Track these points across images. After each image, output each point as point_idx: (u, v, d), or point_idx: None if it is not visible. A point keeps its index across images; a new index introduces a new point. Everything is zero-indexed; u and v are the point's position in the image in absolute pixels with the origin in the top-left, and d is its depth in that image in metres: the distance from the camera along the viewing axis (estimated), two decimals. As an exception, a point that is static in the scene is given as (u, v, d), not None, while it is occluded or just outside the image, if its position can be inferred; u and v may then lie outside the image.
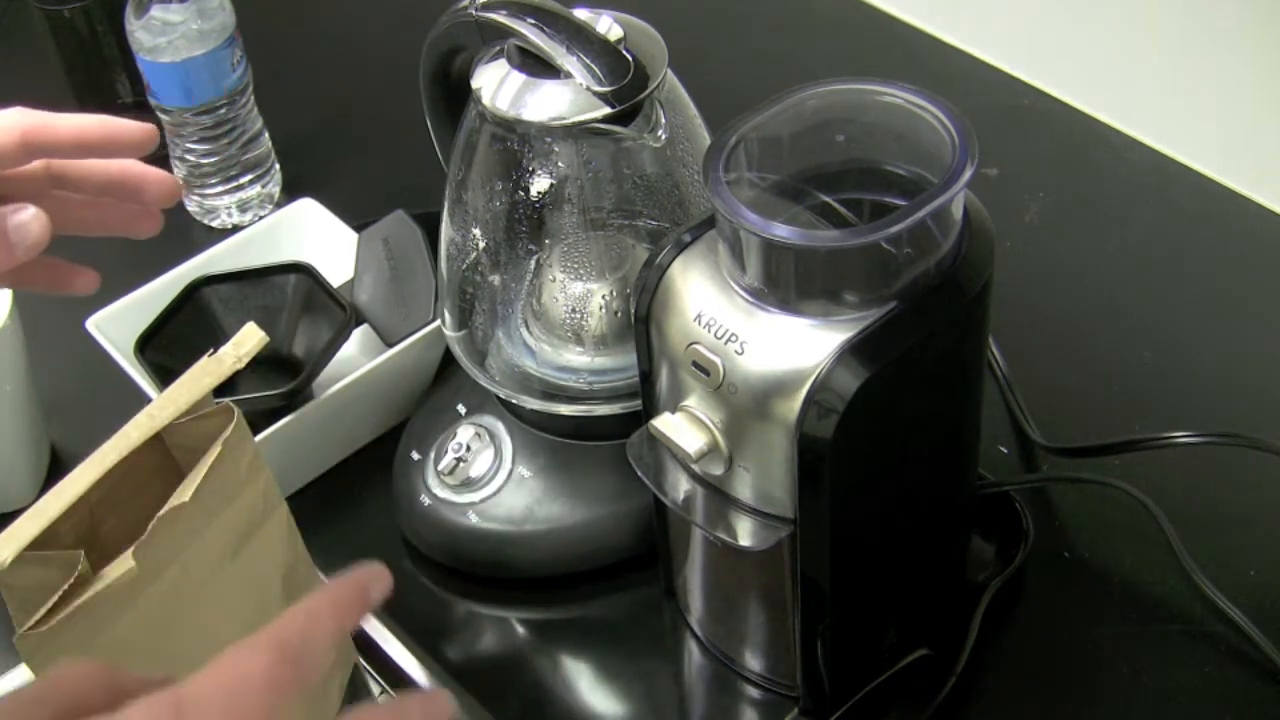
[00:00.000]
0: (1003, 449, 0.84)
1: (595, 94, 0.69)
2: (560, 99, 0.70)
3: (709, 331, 0.61)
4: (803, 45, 1.15)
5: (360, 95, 1.15)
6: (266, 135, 1.04)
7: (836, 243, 0.58)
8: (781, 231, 0.57)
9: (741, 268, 0.60)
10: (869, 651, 0.72)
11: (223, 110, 0.99)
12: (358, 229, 0.92)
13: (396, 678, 0.78)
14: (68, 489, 0.56)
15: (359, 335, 0.89)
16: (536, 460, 0.79)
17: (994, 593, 0.75)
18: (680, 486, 0.67)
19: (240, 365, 0.61)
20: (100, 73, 1.08)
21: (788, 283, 0.59)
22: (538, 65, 0.71)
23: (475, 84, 0.73)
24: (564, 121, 0.70)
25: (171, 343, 0.86)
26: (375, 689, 0.77)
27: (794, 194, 0.63)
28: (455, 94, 0.79)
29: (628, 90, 0.70)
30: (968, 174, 0.58)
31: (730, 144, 0.61)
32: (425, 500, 0.80)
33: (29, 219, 0.61)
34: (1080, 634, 0.75)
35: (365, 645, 0.78)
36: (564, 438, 0.79)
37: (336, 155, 1.09)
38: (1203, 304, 0.93)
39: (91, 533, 0.58)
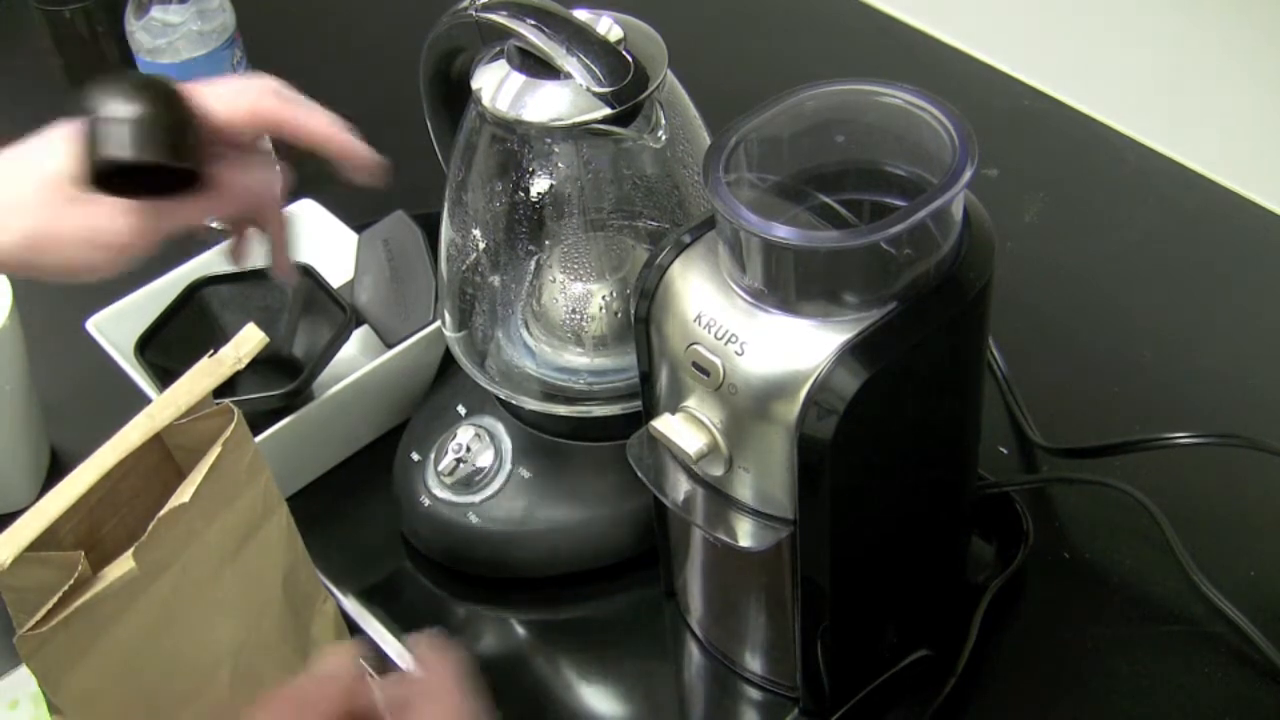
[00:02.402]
0: (1003, 449, 0.84)
1: (595, 95, 0.69)
2: (560, 100, 0.70)
3: (709, 332, 0.61)
4: (803, 46, 1.15)
5: (360, 95, 1.15)
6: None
7: (836, 243, 0.58)
8: (781, 232, 0.57)
9: (742, 268, 0.60)
10: (869, 652, 0.72)
11: (223, 111, 0.99)
12: (358, 230, 0.92)
13: (396, 678, 0.78)
14: (68, 490, 0.56)
15: (359, 336, 0.89)
16: (536, 461, 0.79)
17: (994, 593, 0.75)
18: (680, 487, 0.67)
19: (240, 366, 0.61)
20: (100, 73, 1.07)
21: (788, 283, 0.59)
22: (538, 66, 0.70)
23: (475, 85, 0.73)
24: (564, 122, 0.70)
25: (171, 343, 0.86)
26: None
27: (794, 195, 0.63)
28: (455, 95, 0.79)
29: (628, 91, 0.70)
30: (967, 174, 0.58)
31: (730, 145, 0.61)
32: (425, 501, 0.80)
33: (258, 176, 0.67)
34: (1080, 634, 0.75)
35: (365, 646, 0.78)
36: (564, 438, 0.79)
37: (336, 156, 1.09)
38: (1203, 304, 0.93)
39: (91, 534, 0.58)
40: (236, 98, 0.66)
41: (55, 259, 0.64)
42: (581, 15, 0.72)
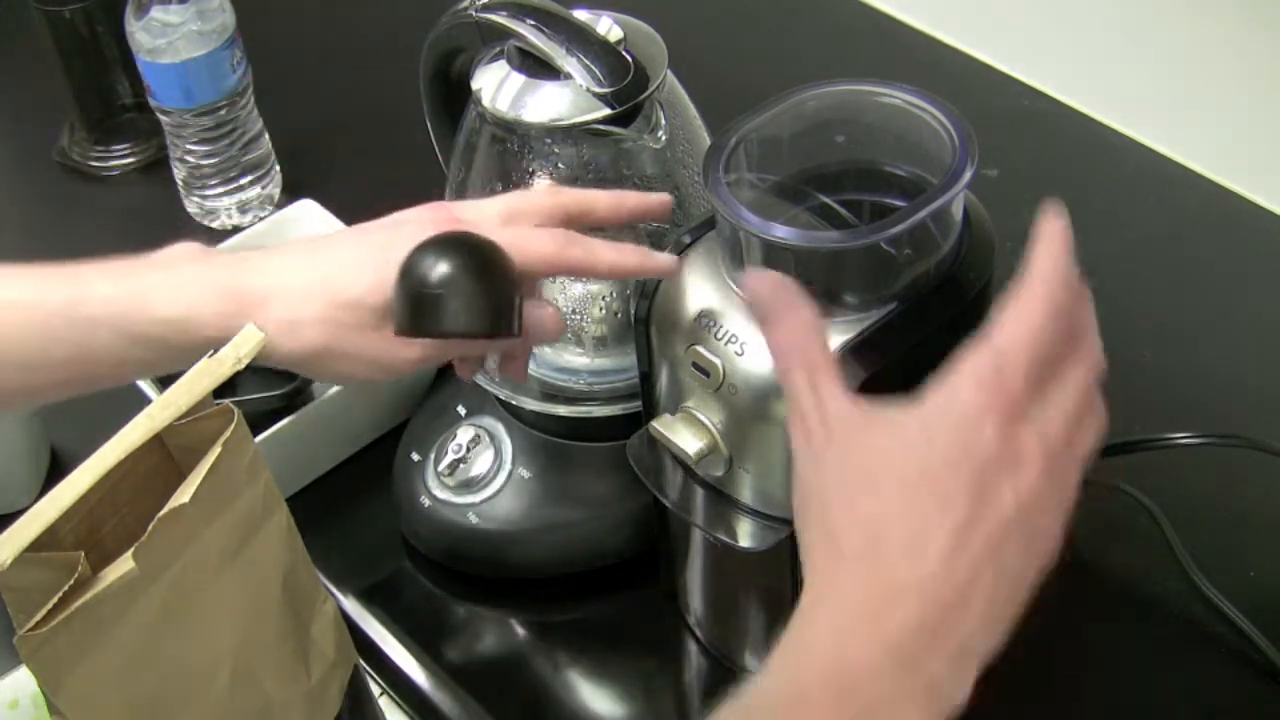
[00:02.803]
0: (1002, 450, 0.84)
1: (595, 95, 0.69)
2: (560, 100, 0.70)
3: (709, 332, 0.61)
4: (803, 46, 1.15)
5: (360, 96, 1.15)
6: (266, 136, 1.04)
7: (836, 244, 0.58)
8: (781, 232, 0.57)
9: (741, 269, 0.60)
10: (869, 652, 0.72)
11: (223, 111, 0.99)
12: (358, 230, 0.91)
13: (396, 678, 0.78)
14: (67, 490, 0.56)
15: (359, 336, 0.88)
16: (536, 461, 0.79)
17: (994, 593, 0.75)
18: (680, 487, 0.67)
19: (240, 366, 0.61)
20: (100, 74, 1.08)
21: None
22: (538, 66, 0.71)
23: (475, 85, 0.73)
24: (564, 123, 0.70)
25: (171, 344, 0.86)
26: (376, 689, 0.77)
27: (794, 195, 0.63)
28: (455, 95, 0.79)
29: (628, 91, 0.70)
30: (968, 175, 0.58)
31: (730, 145, 0.61)
32: (425, 501, 0.80)
33: (548, 316, 0.65)
34: (1080, 634, 0.75)
35: (365, 646, 0.78)
36: (564, 439, 0.79)
37: (336, 156, 1.09)
38: (1203, 304, 0.93)
39: (91, 534, 0.58)
40: (536, 247, 0.64)
41: (336, 371, 0.65)
42: (581, 16, 0.72)
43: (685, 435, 0.63)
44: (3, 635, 0.56)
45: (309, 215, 0.96)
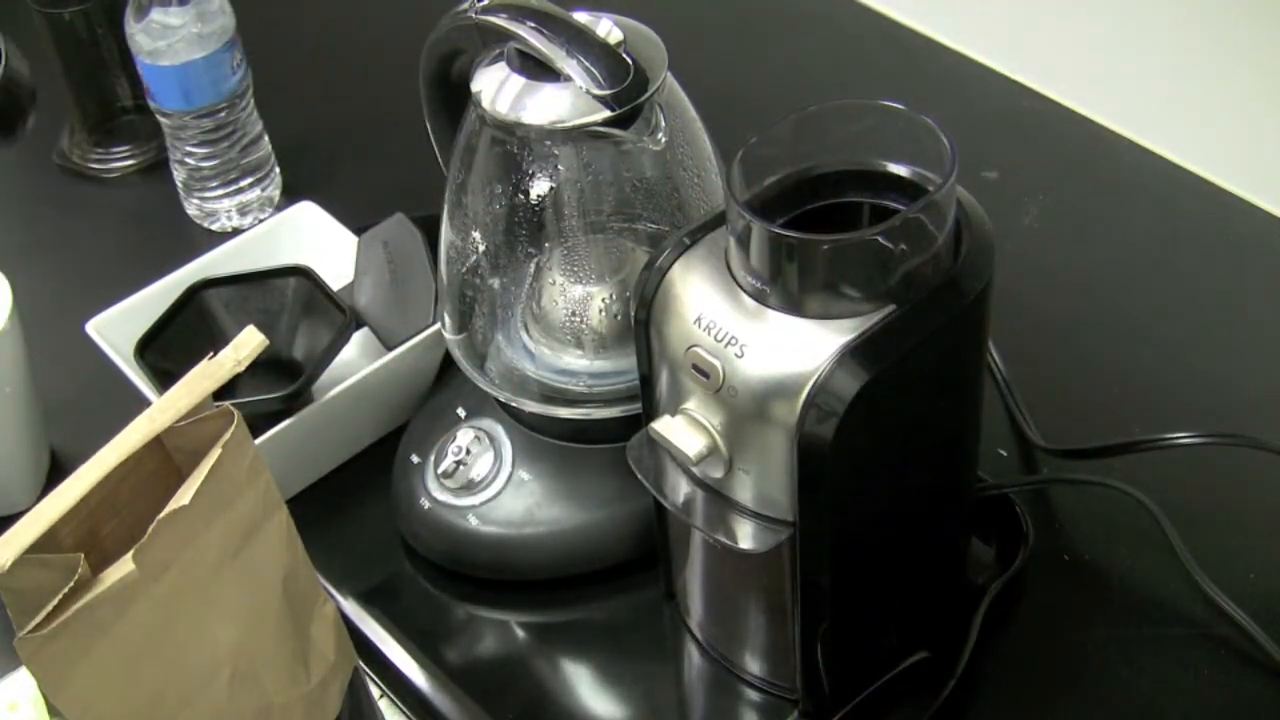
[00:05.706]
0: (1002, 451, 0.84)
1: (595, 97, 0.69)
2: (560, 102, 0.70)
3: (709, 334, 0.61)
4: (802, 47, 1.15)
5: (360, 98, 1.15)
6: (266, 138, 1.04)
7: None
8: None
9: (751, 267, 0.60)
10: (869, 654, 0.72)
11: (222, 114, 0.99)
12: (357, 232, 0.92)
13: (396, 680, 0.78)
14: (68, 492, 0.56)
15: (359, 338, 0.89)
16: (536, 463, 0.79)
17: (994, 595, 0.75)
18: (680, 489, 0.67)
19: (240, 368, 0.61)
20: (100, 76, 1.08)
21: (792, 282, 0.59)
22: (537, 68, 0.71)
23: (475, 87, 0.73)
24: (564, 125, 0.70)
25: (171, 346, 0.86)
26: (375, 691, 0.77)
27: (794, 195, 0.63)
28: (455, 97, 0.79)
29: (627, 93, 0.70)
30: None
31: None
32: (425, 503, 0.80)
33: None
34: (1080, 636, 0.75)
35: (365, 647, 0.78)
36: (564, 441, 0.79)
37: (336, 158, 1.09)
38: (1203, 305, 0.93)
39: (91, 536, 0.58)
40: None
41: None
42: (581, 18, 0.72)
43: (685, 437, 0.63)
44: (3, 637, 0.56)
45: (309, 217, 0.96)
